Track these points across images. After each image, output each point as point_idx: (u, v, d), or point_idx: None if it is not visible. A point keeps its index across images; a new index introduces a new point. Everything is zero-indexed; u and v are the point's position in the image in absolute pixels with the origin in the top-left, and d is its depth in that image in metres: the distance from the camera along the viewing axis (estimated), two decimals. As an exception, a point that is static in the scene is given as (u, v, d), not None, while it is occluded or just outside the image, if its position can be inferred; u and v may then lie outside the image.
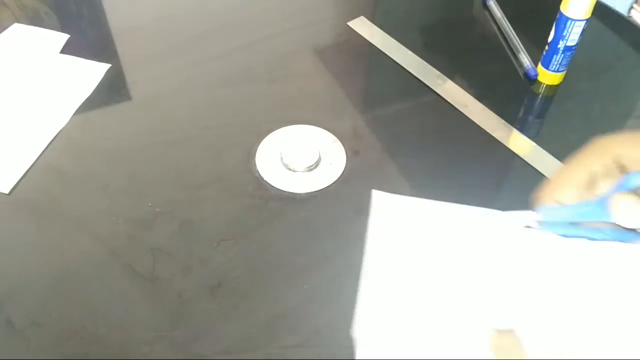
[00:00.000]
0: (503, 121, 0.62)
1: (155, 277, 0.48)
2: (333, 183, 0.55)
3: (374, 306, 0.36)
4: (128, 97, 0.64)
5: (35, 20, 0.71)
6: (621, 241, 0.34)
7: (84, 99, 0.62)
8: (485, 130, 0.60)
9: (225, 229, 0.52)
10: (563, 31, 0.61)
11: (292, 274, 0.49)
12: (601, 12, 0.66)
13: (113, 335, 0.45)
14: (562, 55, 0.63)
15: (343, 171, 0.56)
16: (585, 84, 0.68)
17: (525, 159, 0.58)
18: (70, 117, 0.60)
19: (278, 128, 0.59)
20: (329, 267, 0.49)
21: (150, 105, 0.63)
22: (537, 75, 0.66)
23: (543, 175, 0.56)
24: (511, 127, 0.61)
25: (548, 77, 0.65)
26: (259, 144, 0.58)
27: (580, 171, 0.34)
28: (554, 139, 0.61)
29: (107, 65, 0.65)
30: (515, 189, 0.55)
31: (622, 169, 0.32)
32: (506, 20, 0.73)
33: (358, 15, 0.74)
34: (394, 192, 0.50)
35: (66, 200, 0.53)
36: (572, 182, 0.34)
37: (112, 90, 0.64)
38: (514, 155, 0.58)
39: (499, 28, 0.73)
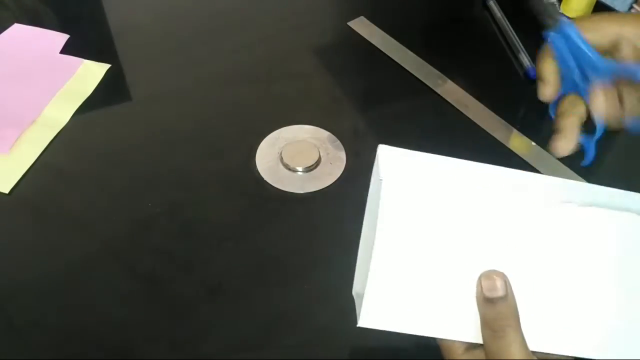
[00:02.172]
0: (503, 121, 0.62)
1: (155, 277, 0.48)
2: (333, 183, 0.55)
3: (388, 265, 0.35)
4: (128, 97, 0.64)
5: (35, 20, 0.71)
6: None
7: (84, 99, 0.62)
8: (485, 130, 0.60)
9: (225, 229, 0.52)
10: (563, 31, 0.61)
11: (292, 274, 0.49)
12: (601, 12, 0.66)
13: (113, 335, 0.45)
14: (562, 55, 0.63)
15: (343, 171, 0.56)
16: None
17: (525, 159, 0.58)
18: (70, 117, 0.60)
19: (278, 128, 0.59)
20: (329, 267, 0.49)
21: (150, 105, 0.63)
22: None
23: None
24: (511, 127, 0.61)
25: (548, 77, 0.65)
26: (259, 144, 0.58)
27: (611, 25, 0.35)
28: (554, 139, 0.61)
29: (107, 65, 0.65)
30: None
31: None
32: (506, 20, 0.73)
33: (358, 15, 0.74)
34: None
35: (66, 200, 0.53)
36: (601, 28, 0.35)
37: (112, 90, 0.64)
38: (514, 155, 0.58)
39: (499, 28, 0.73)
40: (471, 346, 0.35)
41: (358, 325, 0.35)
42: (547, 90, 0.36)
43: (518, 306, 0.33)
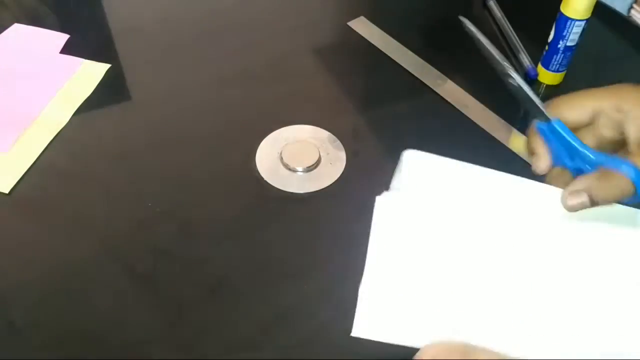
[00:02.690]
0: (503, 121, 0.62)
1: (155, 277, 0.48)
2: (333, 183, 0.55)
3: (382, 272, 0.35)
4: (128, 97, 0.64)
5: (35, 20, 0.71)
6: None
7: (84, 99, 0.62)
8: (485, 131, 0.60)
9: (225, 229, 0.52)
10: (563, 31, 0.61)
11: (292, 274, 0.49)
12: (601, 12, 0.66)
13: (113, 335, 0.45)
14: (562, 55, 0.63)
15: (343, 171, 0.56)
16: (585, 84, 0.67)
17: (525, 159, 0.58)
18: (70, 117, 0.60)
19: (278, 128, 0.59)
20: (329, 267, 0.49)
21: (150, 105, 0.63)
22: (537, 75, 0.66)
23: (543, 175, 0.56)
24: (511, 127, 0.61)
25: (548, 77, 0.65)
26: (259, 144, 0.58)
27: (588, 100, 0.38)
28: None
29: (107, 65, 0.65)
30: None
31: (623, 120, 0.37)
32: (506, 20, 0.73)
33: (358, 15, 0.74)
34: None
35: (66, 200, 0.53)
36: (579, 104, 0.38)
37: (112, 90, 0.64)
38: (514, 155, 0.58)
39: (499, 28, 0.73)
40: None
41: (351, 334, 0.36)
42: (542, 164, 0.38)
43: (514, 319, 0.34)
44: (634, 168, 0.34)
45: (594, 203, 0.35)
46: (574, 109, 0.38)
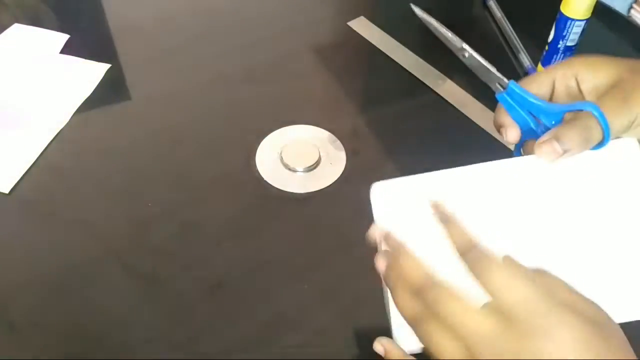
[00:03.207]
0: (503, 121, 0.62)
1: (155, 277, 0.48)
2: (333, 183, 0.55)
3: None
4: (128, 97, 0.64)
5: (35, 20, 0.71)
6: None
7: (84, 99, 0.62)
8: (485, 130, 0.60)
9: (225, 229, 0.52)
10: (563, 31, 0.61)
11: (292, 274, 0.49)
12: (601, 12, 0.66)
13: (113, 335, 0.45)
14: (562, 55, 0.63)
15: (343, 171, 0.56)
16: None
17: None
18: (70, 117, 0.60)
19: (278, 128, 0.59)
20: (329, 267, 0.49)
21: (150, 105, 0.63)
22: (537, 75, 0.66)
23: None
24: (511, 127, 0.61)
25: (548, 77, 0.65)
26: (259, 144, 0.58)
27: (544, 75, 0.41)
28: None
29: (107, 65, 0.65)
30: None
31: (577, 83, 0.39)
32: (506, 20, 0.73)
33: (358, 15, 0.74)
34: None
35: (66, 200, 0.53)
36: (538, 79, 0.41)
37: (112, 90, 0.64)
38: (513, 155, 0.58)
39: (499, 28, 0.73)
40: None
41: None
42: (511, 132, 0.41)
43: None
44: (595, 106, 0.35)
45: (565, 148, 0.35)
46: (534, 82, 0.40)
